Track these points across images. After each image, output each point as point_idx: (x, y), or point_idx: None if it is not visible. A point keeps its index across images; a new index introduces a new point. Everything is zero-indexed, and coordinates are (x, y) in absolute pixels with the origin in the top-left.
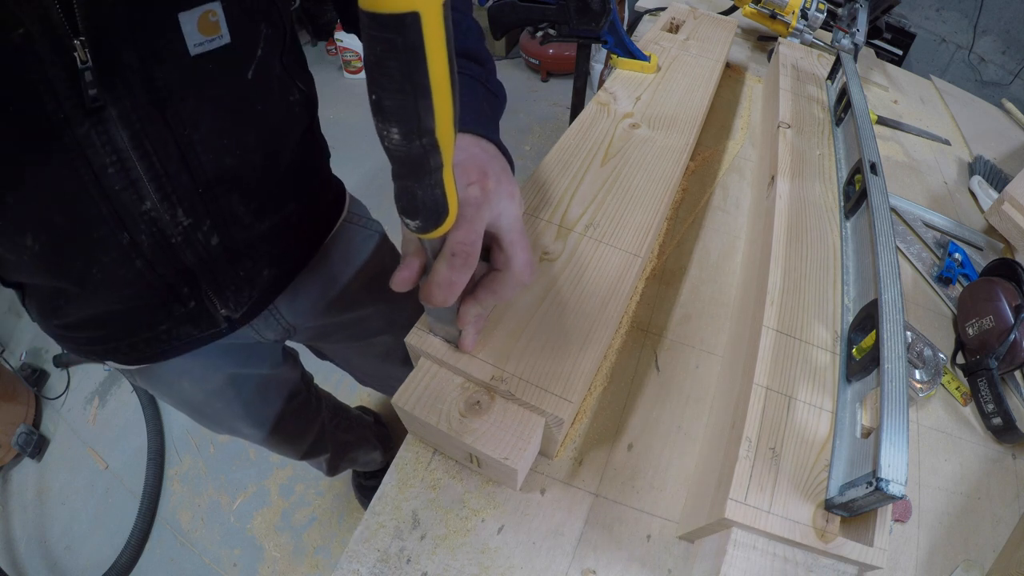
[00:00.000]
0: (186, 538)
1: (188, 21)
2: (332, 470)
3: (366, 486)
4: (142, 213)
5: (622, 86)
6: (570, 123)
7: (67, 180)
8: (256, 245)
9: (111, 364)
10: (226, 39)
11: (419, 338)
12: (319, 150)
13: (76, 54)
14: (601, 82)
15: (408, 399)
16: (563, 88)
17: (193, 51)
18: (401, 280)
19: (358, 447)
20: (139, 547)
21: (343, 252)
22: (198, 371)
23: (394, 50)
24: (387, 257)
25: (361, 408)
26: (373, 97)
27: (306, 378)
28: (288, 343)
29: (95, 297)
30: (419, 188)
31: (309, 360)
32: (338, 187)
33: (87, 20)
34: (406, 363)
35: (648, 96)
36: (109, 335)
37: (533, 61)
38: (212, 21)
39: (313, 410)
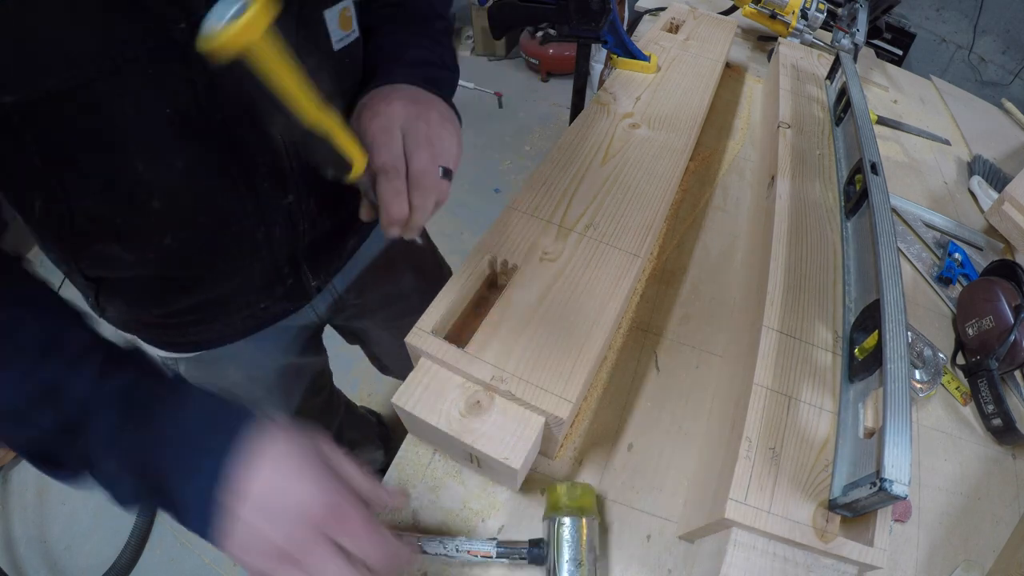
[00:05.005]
0: (186, 538)
1: (331, 18)
2: None
3: None
4: (283, 206)
5: (622, 86)
6: (570, 123)
7: (219, 179)
8: (351, 219)
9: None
10: (356, 34)
11: (419, 338)
12: None
13: None
14: (601, 82)
15: (408, 399)
16: (563, 88)
17: (336, 46)
18: (366, 214)
19: (363, 446)
20: (139, 547)
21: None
22: (247, 355)
23: (240, 82)
24: None
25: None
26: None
27: (328, 373)
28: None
29: (210, 285)
30: (317, 156)
31: None
32: None
33: None
34: None
35: (648, 96)
36: (203, 318)
37: (533, 61)
38: (348, 17)
39: (335, 406)
